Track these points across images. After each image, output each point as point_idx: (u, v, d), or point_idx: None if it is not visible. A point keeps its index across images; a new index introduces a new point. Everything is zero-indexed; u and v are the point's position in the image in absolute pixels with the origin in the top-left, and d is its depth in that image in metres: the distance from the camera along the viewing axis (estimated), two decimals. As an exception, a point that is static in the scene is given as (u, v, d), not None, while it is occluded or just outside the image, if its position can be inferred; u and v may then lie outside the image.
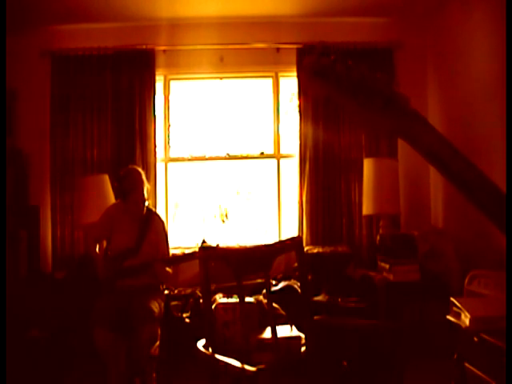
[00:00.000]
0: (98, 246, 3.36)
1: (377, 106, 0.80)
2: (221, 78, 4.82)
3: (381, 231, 4.16)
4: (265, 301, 2.96)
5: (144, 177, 3.41)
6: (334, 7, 4.32)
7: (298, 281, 3.59)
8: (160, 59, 4.55)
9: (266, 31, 4.57)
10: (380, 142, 4.54)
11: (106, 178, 4.13)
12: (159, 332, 3.05)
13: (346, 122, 4.52)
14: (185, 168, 4.84)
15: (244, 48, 4.57)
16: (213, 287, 3.46)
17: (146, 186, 3.41)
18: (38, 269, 4.20)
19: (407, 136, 0.84)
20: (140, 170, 3.45)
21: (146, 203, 3.40)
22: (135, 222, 3.37)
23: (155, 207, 4.26)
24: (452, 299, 2.71)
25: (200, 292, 3.70)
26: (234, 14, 4.42)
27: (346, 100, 0.80)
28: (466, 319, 2.48)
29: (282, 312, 3.30)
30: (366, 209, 4.21)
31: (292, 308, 3.30)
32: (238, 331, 2.52)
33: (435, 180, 4.56)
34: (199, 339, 2.34)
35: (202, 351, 2.24)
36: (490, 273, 2.91)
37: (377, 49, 4.53)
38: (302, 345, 2.46)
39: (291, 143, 4.71)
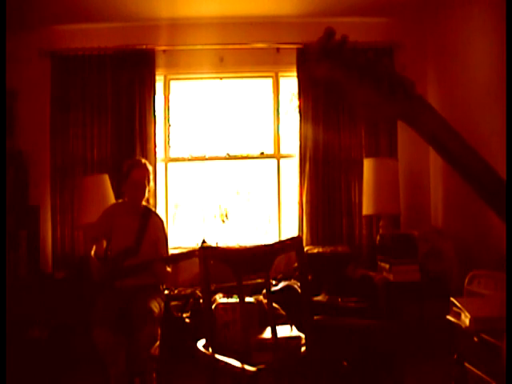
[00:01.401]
0: (94, 247, 3.35)
1: (382, 88, 0.80)
2: (221, 78, 4.82)
3: (381, 231, 4.16)
4: (265, 301, 2.96)
5: (150, 168, 3.45)
6: (333, 7, 4.32)
7: (298, 281, 3.59)
8: (160, 59, 4.55)
9: (266, 31, 4.57)
10: (380, 141, 4.54)
11: (106, 177, 4.13)
12: (159, 332, 3.04)
13: (345, 122, 4.53)
14: (185, 168, 4.84)
15: (244, 48, 4.57)
16: (213, 287, 3.46)
17: (150, 184, 3.44)
18: (38, 269, 4.20)
19: (411, 120, 0.84)
20: (147, 162, 3.50)
21: (147, 194, 3.40)
22: (134, 221, 3.37)
23: (155, 207, 4.26)
24: (452, 299, 2.71)
25: (200, 292, 3.70)
26: (234, 13, 4.42)
27: (353, 82, 0.80)
28: (466, 319, 2.48)
29: (282, 312, 3.30)
30: (366, 209, 4.21)
31: (292, 308, 3.30)
32: (238, 331, 2.52)
33: (435, 180, 4.56)
34: (199, 339, 2.34)
35: (202, 351, 2.24)
36: (490, 273, 2.91)
37: (377, 49, 4.52)
38: (302, 345, 2.46)
39: (291, 143, 4.71)
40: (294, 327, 2.66)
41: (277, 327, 2.32)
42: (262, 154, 4.81)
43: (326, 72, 0.79)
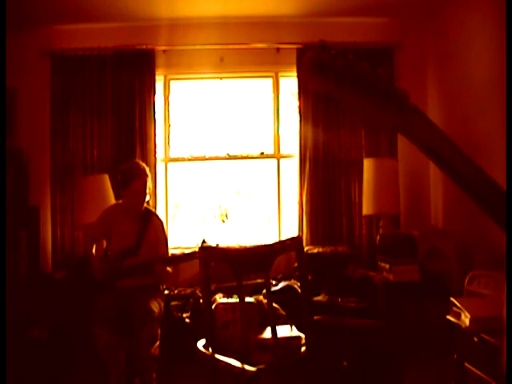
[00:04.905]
0: (94, 247, 3.35)
1: (377, 100, 0.80)
2: (221, 78, 4.82)
3: (381, 231, 4.16)
4: (265, 301, 2.96)
5: (148, 171, 3.41)
6: (333, 7, 4.32)
7: (298, 281, 3.59)
8: (160, 59, 4.55)
9: (266, 31, 4.57)
10: (380, 141, 4.54)
11: (106, 177, 4.13)
12: (159, 332, 3.04)
13: (345, 122, 4.52)
14: (185, 168, 4.84)
15: (244, 48, 4.57)
16: (213, 287, 3.46)
17: (149, 184, 3.42)
18: (38, 269, 4.20)
19: (407, 131, 0.84)
20: (144, 164, 3.46)
21: (147, 198, 3.39)
22: (134, 222, 3.37)
23: (155, 207, 4.26)
24: (452, 299, 2.71)
25: (200, 292, 3.70)
26: (234, 14, 4.41)
27: (346, 95, 0.80)
28: (466, 319, 2.48)
29: (282, 312, 3.30)
30: (366, 209, 4.21)
31: (292, 308, 3.30)
32: (237, 331, 2.52)
33: (435, 180, 4.56)
34: (199, 339, 2.34)
35: (202, 351, 2.24)
36: (490, 273, 2.91)
37: (377, 49, 4.53)
38: (302, 345, 2.46)
39: (291, 143, 4.71)
40: (294, 327, 2.67)
41: (277, 327, 2.32)
42: (262, 154, 4.81)
43: (319, 85, 0.80)
